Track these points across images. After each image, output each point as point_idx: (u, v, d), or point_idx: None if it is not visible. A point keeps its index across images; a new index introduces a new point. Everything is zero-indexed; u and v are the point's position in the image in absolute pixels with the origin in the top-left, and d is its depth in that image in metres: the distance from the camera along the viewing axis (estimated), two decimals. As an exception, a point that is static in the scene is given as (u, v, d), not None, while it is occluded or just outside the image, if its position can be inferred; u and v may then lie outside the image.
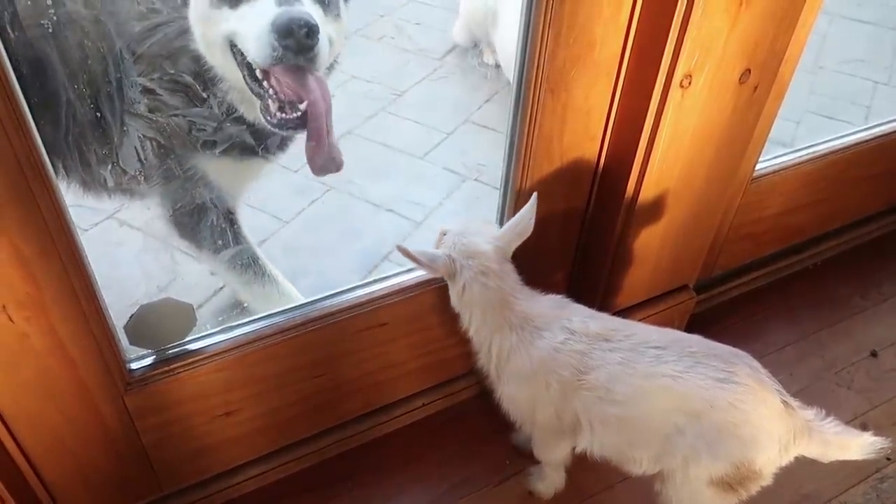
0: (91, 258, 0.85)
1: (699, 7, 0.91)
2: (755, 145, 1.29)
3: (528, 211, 1.02)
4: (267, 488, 1.19)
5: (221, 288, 1.57)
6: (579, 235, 1.23)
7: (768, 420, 0.92)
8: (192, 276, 1.58)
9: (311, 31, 0.95)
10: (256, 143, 1.12)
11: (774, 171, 1.41)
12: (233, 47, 1.00)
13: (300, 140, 1.11)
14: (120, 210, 1.70)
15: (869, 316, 1.57)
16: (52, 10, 0.82)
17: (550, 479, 1.16)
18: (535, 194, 1.03)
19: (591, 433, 0.99)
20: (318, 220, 1.81)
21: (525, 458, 1.20)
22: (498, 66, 2.25)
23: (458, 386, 1.31)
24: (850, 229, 1.71)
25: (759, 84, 1.08)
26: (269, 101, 1.03)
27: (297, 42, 0.95)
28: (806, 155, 1.46)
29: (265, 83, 1.01)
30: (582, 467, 1.14)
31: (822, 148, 1.48)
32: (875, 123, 1.56)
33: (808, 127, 2.28)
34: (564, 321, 0.99)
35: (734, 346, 1.52)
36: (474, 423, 1.29)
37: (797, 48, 1.17)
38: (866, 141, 1.52)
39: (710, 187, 1.18)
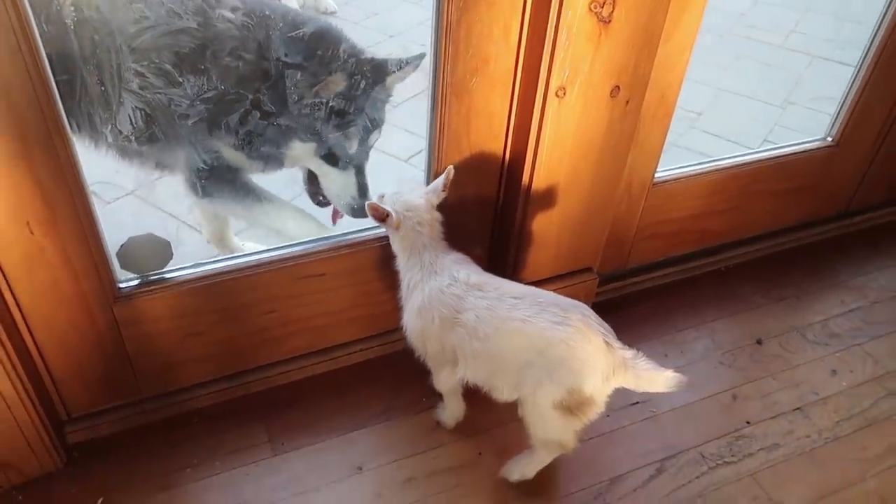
0: (107, 225, 1.16)
1: (563, 33, 1.19)
2: (650, 155, 1.55)
3: (443, 178, 1.28)
4: (222, 404, 1.46)
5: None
6: (493, 218, 1.50)
7: (592, 355, 1.15)
8: (193, 245, 1.91)
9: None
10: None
11: (676, 179, 1.66)
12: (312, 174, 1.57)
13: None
14: (138, 189, 2.04)
15: (764, 312, 1.78)
16: (74, 13, 1.18)
17: (451, 410, 1.42)
18: (450, 167, 1.29)
19: (465, 364, 1.24)
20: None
21: (437, 397, 1.47)
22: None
23: (392, 337, 1.57)
24: (764, 239, 1.93)
25: (631, 99, 1.34)
26: (316, 197, 1.63)
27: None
28: (707, 167, 1.71)
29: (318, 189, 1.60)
30: (480, 408, 1.40)
31: (725, 163, 1.73)
32: (774, 146, 1.80)
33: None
34: (454, 271, 1.26)
35: (640, 326, 1.77)
36: (401, 369, 1.54)
37: (676, 76, 1.43)
38: (765, 160, 1.76)
39: (598, 186, 1.44)
